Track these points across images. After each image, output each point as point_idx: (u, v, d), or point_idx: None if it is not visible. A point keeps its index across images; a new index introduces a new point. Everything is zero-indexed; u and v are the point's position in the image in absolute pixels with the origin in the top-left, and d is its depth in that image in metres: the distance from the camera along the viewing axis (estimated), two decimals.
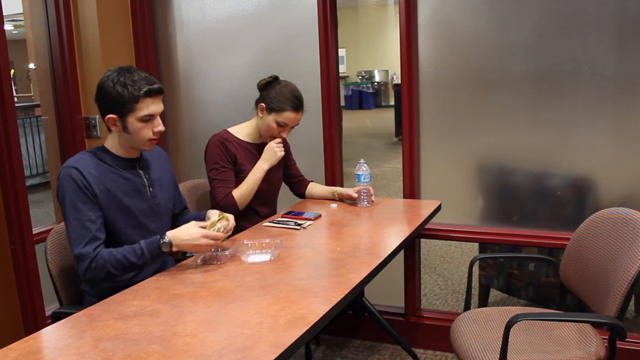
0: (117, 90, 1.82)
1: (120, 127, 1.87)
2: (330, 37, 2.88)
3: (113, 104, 1.84)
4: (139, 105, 1.83)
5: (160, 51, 3.29)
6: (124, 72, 1.84)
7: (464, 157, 2.80)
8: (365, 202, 2.60)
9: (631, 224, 1.86)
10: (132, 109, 1.83)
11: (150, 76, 1.88)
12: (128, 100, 1.82)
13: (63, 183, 1.84)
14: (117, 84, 1.82)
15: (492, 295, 3.26)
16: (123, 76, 1.83)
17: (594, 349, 1.84)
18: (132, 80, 1.82)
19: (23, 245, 2.46)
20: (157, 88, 1.86)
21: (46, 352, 1.40)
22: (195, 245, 1.86)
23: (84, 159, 1.89)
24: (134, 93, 1.81)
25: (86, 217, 1.82)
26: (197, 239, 1.85)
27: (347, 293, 1.64)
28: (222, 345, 1.35)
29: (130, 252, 1.82)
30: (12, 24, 12.50)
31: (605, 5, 2.43)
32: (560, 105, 2.57)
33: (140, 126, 1.86)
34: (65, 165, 1.87)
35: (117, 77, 1.83)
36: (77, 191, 1.82)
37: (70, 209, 1.83)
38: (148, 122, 1.87)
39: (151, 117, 1.87)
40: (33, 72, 12.32)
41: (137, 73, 1.85)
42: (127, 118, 1.85)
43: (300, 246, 2.11)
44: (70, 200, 1.82)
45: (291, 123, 2.44)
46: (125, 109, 1.83)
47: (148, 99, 1.84)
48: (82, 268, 1.81)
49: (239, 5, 3.10)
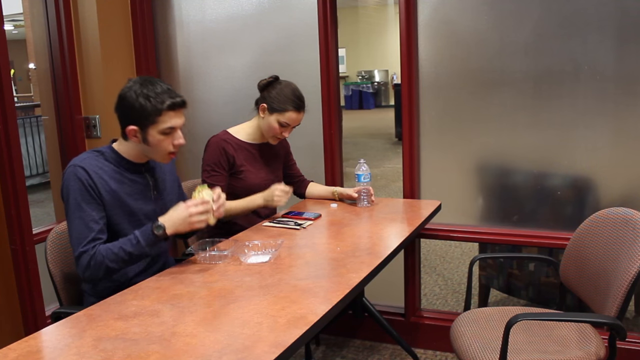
0: (140, 102, 1.80)
1: (141, 139, 1.86)
2: (330, 37, 2.88)
3: (135, 116, 1.83)
4: (162, 118, 1.82)
5: (160, 51, 3.29)
6: (146, 83, 1.83)
7: (464, 157, 2.80)
8: (365, 202, 2.60)
9: (631, 224, 1.86)
10: (154, 122, 1.82)
11: (172, 88, 1.87)
12: (151, 112, 1.81)
13: (69, 181, 1.83)
14: (140, 95, 1.81)
15: (492, 295, 3.26)
16: (146, 88, 1.82)
17: (594, 349, 1.85)
18: (155, 93, 1.81)
19: (23, 245, 2.46)
20: (180, 101, 1.86)
21: (46, 352, 1.40)
22: (186, 219, 1.84)
23: (90, 159, 1.88)
24: (157, 106, 1.81)
25: (90, 217, 1.82)
26: (184, 212, 1.84)
27: (347, 293, 1.64)
28: (222, 345, 1.35)
29: (126, 243, 1.82)
30: (12, 24, 12.50)
31: (605, 5, 2.43)
32: (560, 105, 2.57)
33: (161, 139, 1.86)
34: (72, 163, 1.86)
35: (140, 89, 1.82)
36: (83, 191, 1.82)
37: (74, 207, 1.82)
38: (169, 134, 1.86)
39: (172, 129, 1.86)
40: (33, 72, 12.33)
41: (160, 85, 1.84)
42: (149, 130, 1.84)
43: (300, 246, 2.11)
44: (75, 199, 1.82)
45: (293, 123, 2.44)
46: (148, 121, 1.82)
47: (171, 112, 1.83)
48: (82, 267, 1.80)
49: (239, 5, 3.10)
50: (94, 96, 3.00)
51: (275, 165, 2.61)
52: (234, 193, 2.49)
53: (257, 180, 2.50)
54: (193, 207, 1.85)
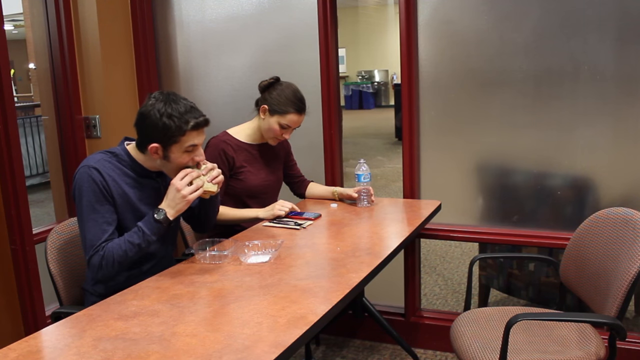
0: (163, 122, 1.80)
1: (162, 156, 1.87)
2: (330, 37, 2.88)
3: (158, 135, 1.83)
4: (185, 137, 1.83)
5: (160, 51, 3.30)
6: (169, 102, 1.82)
7: (464, 157, 2.80)
8: (365, 202, 2.60)
9: (631, 224, 1.86)
10: (177, 141, 1.83)
11: (194, 105, 1.87)
12: (175, 132, 1.81)
13: (82, 182, 1.83)
14: (164, 115, 1.80)
15: (492, 295, 3.26)
16: (169, 106, 1.81)
17: (594, 349, 1.85)
18: (179, 112, 1.81)
19: (23, 245, 2.46)
20: (203, 120, 1.86)
21: (46, 352, 1.40)
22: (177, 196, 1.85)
23: (103, 161, 1.88)
24: (181, 126, 1.81)
25: (103, 219, 1.83)
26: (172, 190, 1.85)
27: (347, 293, 1.64)
28: (222, 345, 1.35)
29: (132, 236, 1.83)
30: (12, 24, 12.50)
31: (605, 5, 2.43)
32: (560, 105, 2.57)
33: (183, 157, 1.87)
34: (85, 164, 1.86)
35: (163, 108, 1.81)
36: (97, 192, 1.82)
37: (87, 209, 1.82)
38: (190, 152, 1.88)
39: (194, 147, 1.87)
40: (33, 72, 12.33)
41: (183, 103, 1.84)
42: (171, 148, 1.85)
43: (300, 246, 2.11)
44: (88, 201, 1.82)
45: (294, 125, 2.44)
46: (171, 140, 1.83)
47: (194, 132, 1.84)
48: (94, 268, 1.82)
49: (239, 5, 3.10)
50: (94, 96, 3.00)
51: (275, 166, 2.61)
52: (234, 194, 2.49)
53: (257, 181, 2.50)
54: (178, 181, 1.86)
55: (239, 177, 2.47)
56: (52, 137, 3.04)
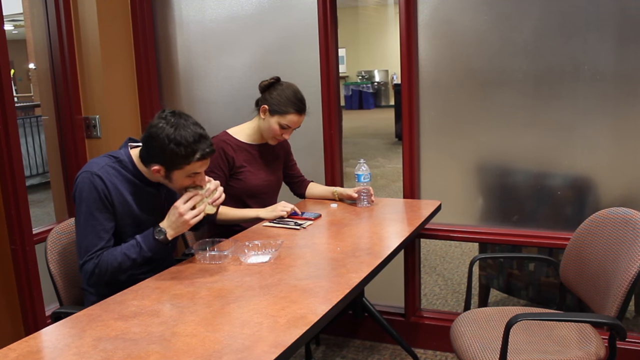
0: (171, 149, 1.78)
1: (164, 176, 1.86)
2: (330, 37, 2.88)
3: (163, 159, 1.82)
4: (190, 167, 1.83)
5: (160, 51, 3.29)
6: (179, 127, 1.79)
7: (464, 157, 2.80)
8: (365, 202, 2.60)
9: (631, 224, 1.86)
10: (181, 167, 1.83)
11: (203, 132, 1.84)
12: (181, 161, 1.80)
13: (83, 189, 1.83)
14: (172, 142, 1.78)
15: (492, 295, 3.26)
16: (178, 133, 1.78)
17: (594, 349, 1.85)
18: (187, 141, 1.78)
19: (23, 245, 2.46)
20: (210, 151, 1.85)
21: (46, 352, 1.40)
22: (179, 220, 1.85)
23: (107, 167, 1.87)
24: (187, 156, 1.80)
25: (101, 227, 1.83)
26: (177, 219, 1.85)
27: (347, 293, 1.64)
28: (222, 345, 1.35)
29: (129, 249, 1.84)
30: (12, 24, 12.50)
31: (605, 5, 2.43)
32: (560, 105, 2.57)
33: (184, 180, 1.87)
34: (88, 169, 1.85)
35: (173, 134, 1.78)
36: (97, 200, 1.82)
37: (86, 215, 1.83)
38: (192, 177, 1.87)
39: (197, 173, 1.87)
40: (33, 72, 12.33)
41: (192, 130, 1.80)
42: (174, 171, 1.84)
43: (300, 246, 2.11)
44: (88, 207, 1.82)
45: (294, 125, 2.44)
46: (175, 167, 1.82)
47: (199, 162, 1.83)
48: (87, 273, 1.83)
49: (239, 5, 3.10)
50: (94, 96, 3.00)
51: (275, 166, 2.61)
52: (234, 194, 2.49)
53: (256, 181, 2.50)
54: (181, 205, 1.85)
55: (239, 177, 2.47)
56: (52, 137, 3.04)
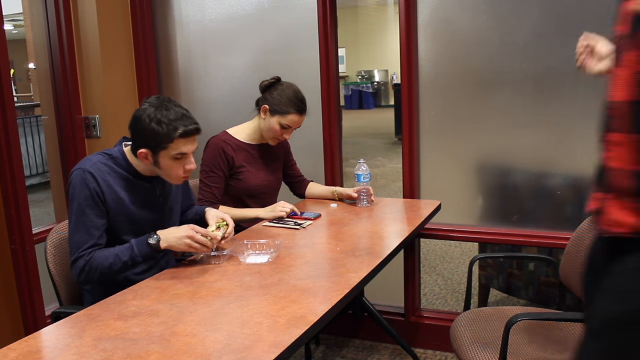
0: (152, 128, 1.79)
1: (152, 161, 1.86)
2: (330, 37, 2.88)
3: (147, 140, 1.82)
4: (173, 145, 1.82)
5: (160, 51, 3.29)
6: (161, 108, 1.81)
7: (464, 157, 2.80)
8: (365, 202, 2.60)
9: None
10: (165, 148, 1.82)
11: (187, 113, 1.85)
12: (163, 139, 1.80)
13: (76, 186, 1.83)
14: (154, 121, 1.79)
15: (492, 295, 3.26)
16: (160, 113, 1.80)
17: None
18: (169, 119, 1.80)
19: (23, 245, 2.46)
20: (193, 129, 1.84)
21: (46, 352, 1.40)
22: (183, 239, 1.84)
23: (100, 164, 1.87)
24: (169, 133, 1.80)
25: (92, 224, 1.83)
26: (181, 238, 1.84)
27: (347, 293, 1.64)
28: (222, 345, 1.35)
29: (122, 252, 1.83)
30: (12, 24, 12.50)
31: (605, 5, 2.43)
32: (560, 105, 2.57)
33: (172, 164, 1.86)
34: (81, 166, 1.86)
35: (154, 113, 1.80)
36: (88, 197, 1.82)
37: (78, 212, 1.83)
38: (180, 160, 1.86)
39: (184, 155, 1.86)
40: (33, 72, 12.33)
41: (174, 110, 1.82)
42: (160, 154, 1.84)
43: (300, 246, 2.11)
44: (79, 205, 1.82)
45: (294, 125, 2.44)
46: (159, 147, 1.82)
47: (182, 139, 1.82)
48: (77, 270, 1.82)
49: (239, 5, 3.10)
50: (94, 96, 3.00)
51: (275, 166, 2.61)
52: (234, 194, 2.49)
53: (256, 181, 2.50)
54: (198, 234, 1.85)
55: (239, 177, 2.47)
56: (52, 137, 3.04)
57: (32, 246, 2.50)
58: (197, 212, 2.18)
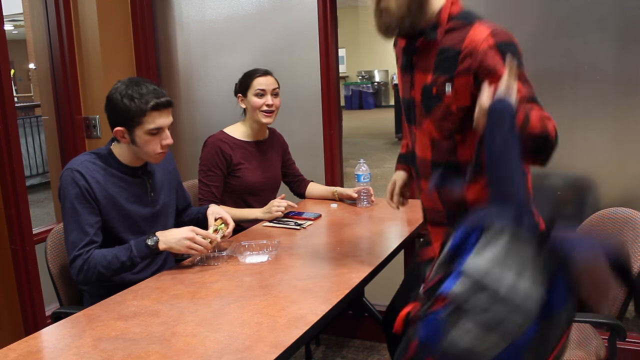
0: (124, 103, 1.81)
1: (129, 140, 1.87)
2: (330, 37, 2.88)
3: (121, 117, 1.84)
4: (146, 118, 1.82)
5: (160, 51, 3.29)
6: (132, 84, 1.83)
7: None
8: (365, 202, 2.60)
9: (631, 224, 1.86)
10: (139, 122, 1.83)
11: (159, 88, 1.87)
12: (135, 113, 1.81)
13: (65, 185, 1.84)
14: (125, 97, 1.81)
15: None
16: (131, 89, 1.82)
17: (594, 349, 1.84)
18: (140, 94, 1.81)
19: (23, 245, 2.46)
20: (165, 101, 1.85)
21: (46, 352, 1.40)
22: (183, 240, 1.85)
23: (87, 163, 1.88)
24: (141, 107, 1.81)
25: (85, 221, 1.83)
26: (180, 239, 1.85)
27: (347, 293, 1.64)
28: (222, 345, 1.35)
29: (121, 251, 1.83)
30: (12, 24, 12.50)
31: (605, 5, 2.43)
32: (560, 105, 2.56)
33: (148, 139, 1.86)
34: (69, 167, 1.87)
35: (125, 90, 1.82)
36: (79, 195, 1.83)
37: (70, 211, 1.83)
38: (156, 135, 1.86)
39: (159, 130, 1.86)
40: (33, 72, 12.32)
41: (145, 85, 1.84)
42: (135, 131, 1.84)
43: (300, 246, 2.11)
44: (71, 203, 1.83)
45: (266, 87, 2.47)
46: (133, 122, 1.83)
47: (155, 112, 1.83)
48: (76, 269, 1.82)
49: (239, 5, 3.10)
50: (94, 96, 3.00)
51: (272, 163, 2.61)
52: (233, 191, 2.50)
53: (255, 178, 2.51)
54: (198, 236, 1.86)
55: (237, 175, 2.48)
56: (52, 137, 3.04)
57: (32, 246, 2.50)
58: (200, 211, 2.18)
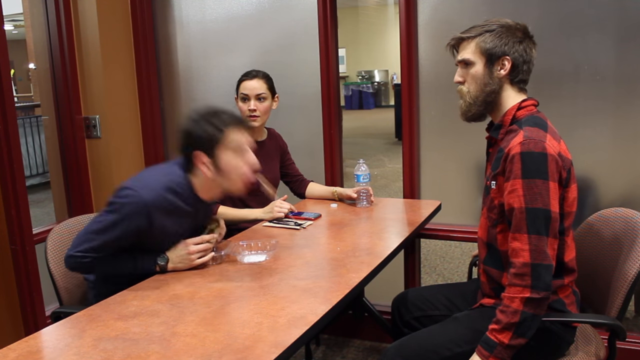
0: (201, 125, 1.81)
1: (214, 171, 1.81)
2: (330, 37, 2.88)
3: (199, 142, 1.80)
4: (229, 138, 1.81)
5: (160, 51, 3.29)
6: (204, 110, 1.84)
7: (464, 157, 2.80)
8: (365, 202, 2.60)
9: (631, 224, 1.85)
10: (222, 142, 1.81)
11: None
12: (216, 133, 1.80)
13: (128, 211, 1.73)
14: (202, 118, 1.82)
15: None
16: (204, 112, 1.83)
17: (594, 349, 1.84)
18: (215, 111, 1.84)
19: (23, 245, 2.46)
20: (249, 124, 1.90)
21: (46, 352, 1.40)
22: (186, 257, 1.85)
23: (163, 201, 1.77)
24: (220, 127, 1.80)
25: (111, 244, 1.76)
26: (183, 258, 1.85)
27: (347, 293, 1.64)
28: (222, 345, 1.35)
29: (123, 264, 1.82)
30: (12, 24, 12.51)
31: (605, 5, 2.43)
32: (560, 105, 2.56)
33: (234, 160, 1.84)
34: (143, 195, 1.73)
35: (198, 114, 1.83)
36: (131, 228, 1.74)
37: (111, 225, 1.74)
38: (242, 153, 1.84)
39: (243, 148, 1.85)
40: (33, 72, 12.33)
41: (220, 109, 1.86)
42: (217, 153, 1.80)
43: (300, 246, 2.11)
44: (115, 223, 1.73)
45: (250, 92, 2.48)
46: (215, 143, 1.80)
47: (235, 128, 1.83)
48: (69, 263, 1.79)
49: (239, 5, 3.10)
50: (94, 96, 3.00)
51: (270, 165, 2.61)
52: None
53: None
54: (193, 245, 1.86)
55: None
56: (52, 137, 3.04)
57: (32, 246, 2.50)
58: None
